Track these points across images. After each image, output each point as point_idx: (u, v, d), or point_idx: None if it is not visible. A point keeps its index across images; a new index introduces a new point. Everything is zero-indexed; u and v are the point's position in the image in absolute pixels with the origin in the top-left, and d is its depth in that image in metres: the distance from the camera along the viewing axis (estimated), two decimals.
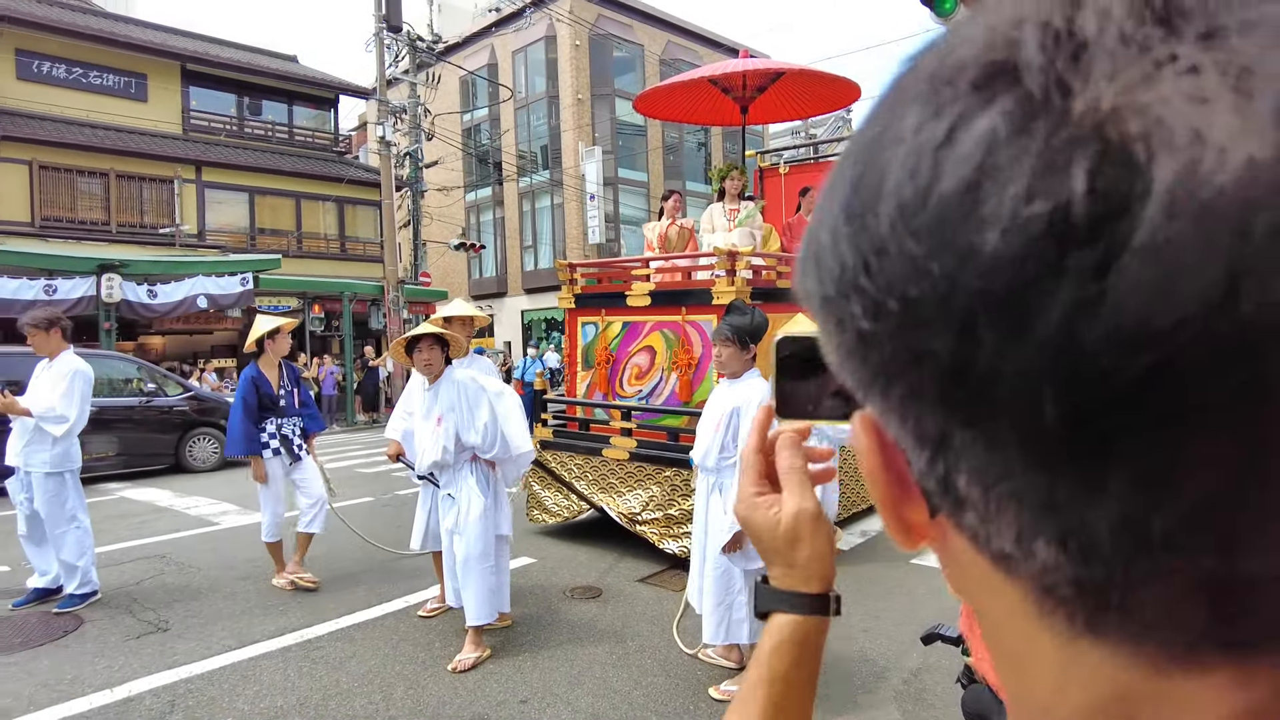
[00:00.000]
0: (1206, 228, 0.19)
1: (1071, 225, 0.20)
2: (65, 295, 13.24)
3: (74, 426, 5.02)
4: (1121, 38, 0.21)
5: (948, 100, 0.23)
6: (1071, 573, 0.24)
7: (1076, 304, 0.20)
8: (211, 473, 10.63)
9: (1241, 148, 0.19)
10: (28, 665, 4.16)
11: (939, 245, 0.22)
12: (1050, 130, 0.21)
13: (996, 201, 0.21)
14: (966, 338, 0.22)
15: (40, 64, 16.93)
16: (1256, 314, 0.19)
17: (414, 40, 19.17)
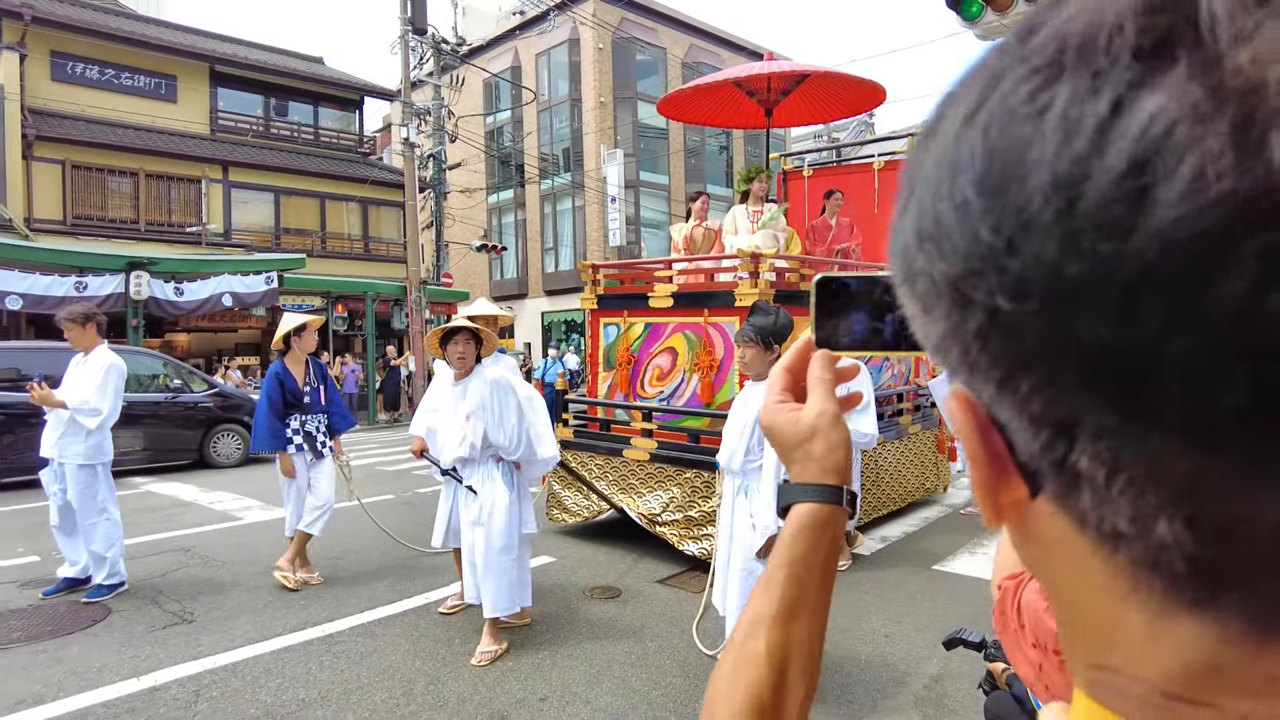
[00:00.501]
0: None
1: (1265, 205, 0.19)
2: (95, 292, 13.45)
3: (107, 419, 5.11)
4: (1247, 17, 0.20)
5: (1106, 69, 0.22)
6: (1191, 551, 0.24)
7: (1263, 285, 0.19)
8: (235, 468, 10.75)
9: None
10: (57, 653, 4.23)
11: (1103, 222, 0.21)
12: (1239, 100, 0.20)
13: (1175, 179, 0.20)
14: (1130, 319, 0.21)
15: (74, 66, 17.23)
16: None
17: (438, 43, 19.32)
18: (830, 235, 7.48)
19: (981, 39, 6.37)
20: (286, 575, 5.31)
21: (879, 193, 7.94)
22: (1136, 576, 0.26)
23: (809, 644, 0.62)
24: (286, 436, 5.42)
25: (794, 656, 0.61)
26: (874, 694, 3.75)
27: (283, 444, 5.40)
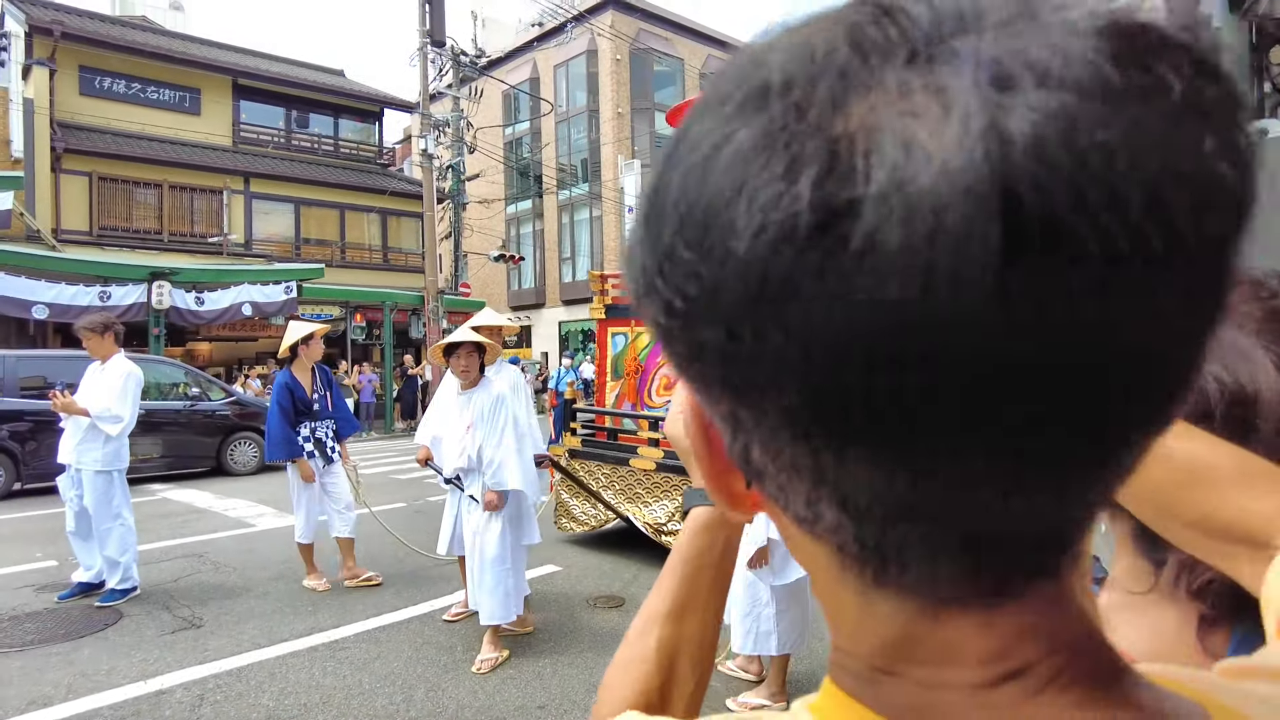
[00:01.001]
0: (908, 227, 0.21)
1: (801, 231, 0.22)
2: (118, 301, 13.71)
3: (127, 426, 5.22)
4: (851, 66, 0.23)
5: (720, 118, 0.25)
6: (854, 533, 0.27)
7: (811, 300, 0.22)
8: (251, 476, 10.89)
9: (938, 155, 0.21)
10: (69, 655, 4.31)
11: (706, 250, 0.24)
12: (788, 146, 0.23)
13: (746, 211, 0.23)
14: (732, 331, 0.24)
15: (101, 80, 17.61)
16: (948, 306, 0.21)
17: (457, 55, 19.54)
18: None
19: None
20: (362, 577, 5.58)
21: None
22: (837, 557, 0.29)
23: (700, 639, 0.65)
24: (300, 444, 5.50)
25: (684, 651, 0.64)
26: None
27: (298, 451, 5.49)
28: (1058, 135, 0.21)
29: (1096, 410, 0.23)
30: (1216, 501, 0.57)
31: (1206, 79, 0.23)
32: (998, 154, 0.21)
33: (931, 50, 0.23)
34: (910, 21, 0.23)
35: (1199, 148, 0.22)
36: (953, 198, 0.21)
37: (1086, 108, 0.21)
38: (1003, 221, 0.20)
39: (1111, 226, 0.21)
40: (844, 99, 0.23)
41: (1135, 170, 0.21)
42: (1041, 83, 0.21)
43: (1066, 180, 0.20)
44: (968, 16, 0.23)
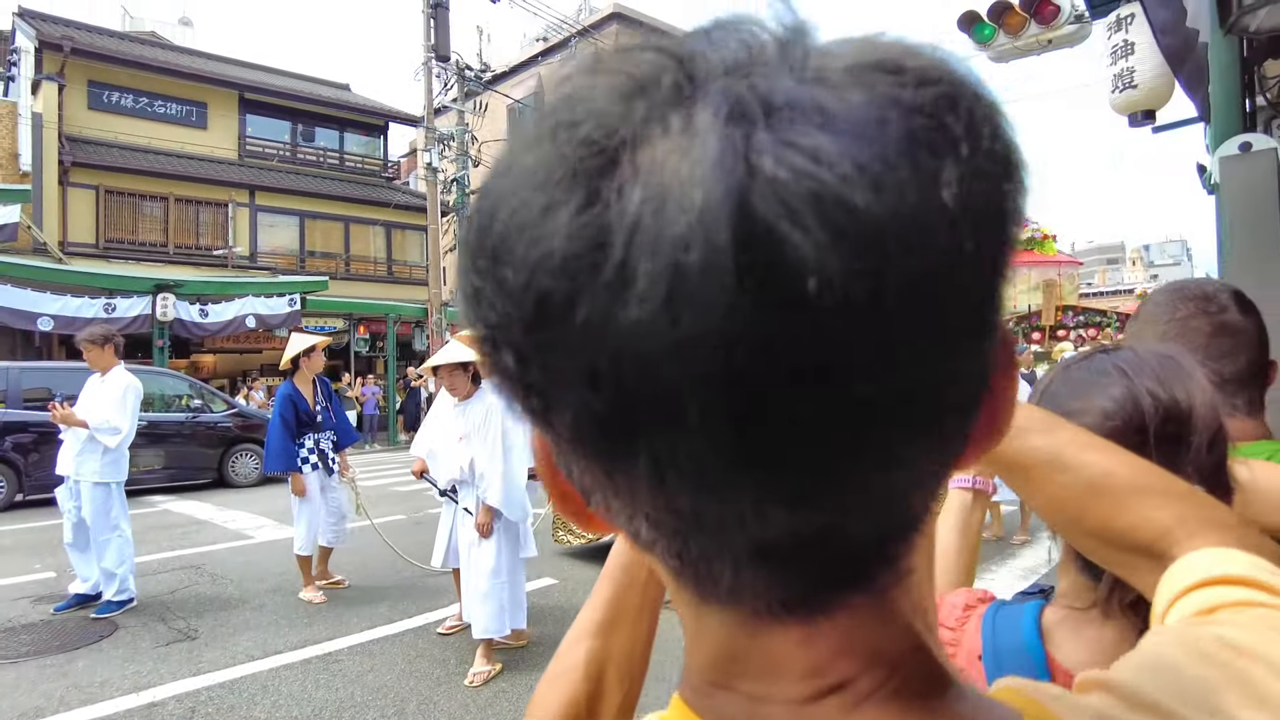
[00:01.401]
0: (651, 260, 0.22)
1: (558, 262, 0.23)
2: (123, 314, 13.79)
3: (126, 438, 5.24)
4: (623, 108, 0.24)
5: (512, 153, 0.27)
6: (665, 547, 0.28)
7: (570, 327, 0.23)
8: (252, 488, 10.91)
9: (680, 190, 0.22)
10: (63, 667, 4.31)
11: (496, 280, 0.25)
12: (557, 182, 0.24)
13: (519, 243, 0.24)
14: (519, 357, 0.25)
15: (110, 94, 17.78)
16: (688, 333, 0.22)
17: (462, 69, 19.67)
18: None
19: (995, 61, 6.40)
20: (331, 580, 5.66)
21: None
22: (667, 571, 0.29)
23: (629, 652, 0.66)
24: (301, 456, 5.55)
25: (612, 664, 0.65)
26: None
27: (294, 464, 5.51)
28: (792, 177, 0.21)
29: (843, 432, 0.23)
30: (1114, 512, 0.58)
31: (947, 117, 0.23)
32: (735, 191, 0.21)
33: (696, 92, 0.24)
34: (686, 67, 0.25)
35: (923, 187, 0.22)
36: (692, 233, 0.21)
37: (822, 149, 0.22)
38: (736, 256, 0.21)
39: (835, 266, 0.21)
40: (611, 138, 0.24)
41: (853, 212, 0.21)
42: (781, 122, 0.22)
43: (797, 220, 0.21)
44: (737, 62, 0.24)
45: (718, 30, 0.26)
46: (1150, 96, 4.05)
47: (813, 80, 0.23)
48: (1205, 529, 0.54)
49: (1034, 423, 0.62)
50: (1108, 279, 69.01)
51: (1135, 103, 4.08)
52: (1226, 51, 3.30)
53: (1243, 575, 0.46)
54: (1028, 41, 6.07)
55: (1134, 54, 4.01)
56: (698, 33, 0.26)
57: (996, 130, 0.25)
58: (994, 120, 0.25)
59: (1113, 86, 4.17)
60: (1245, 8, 2.79)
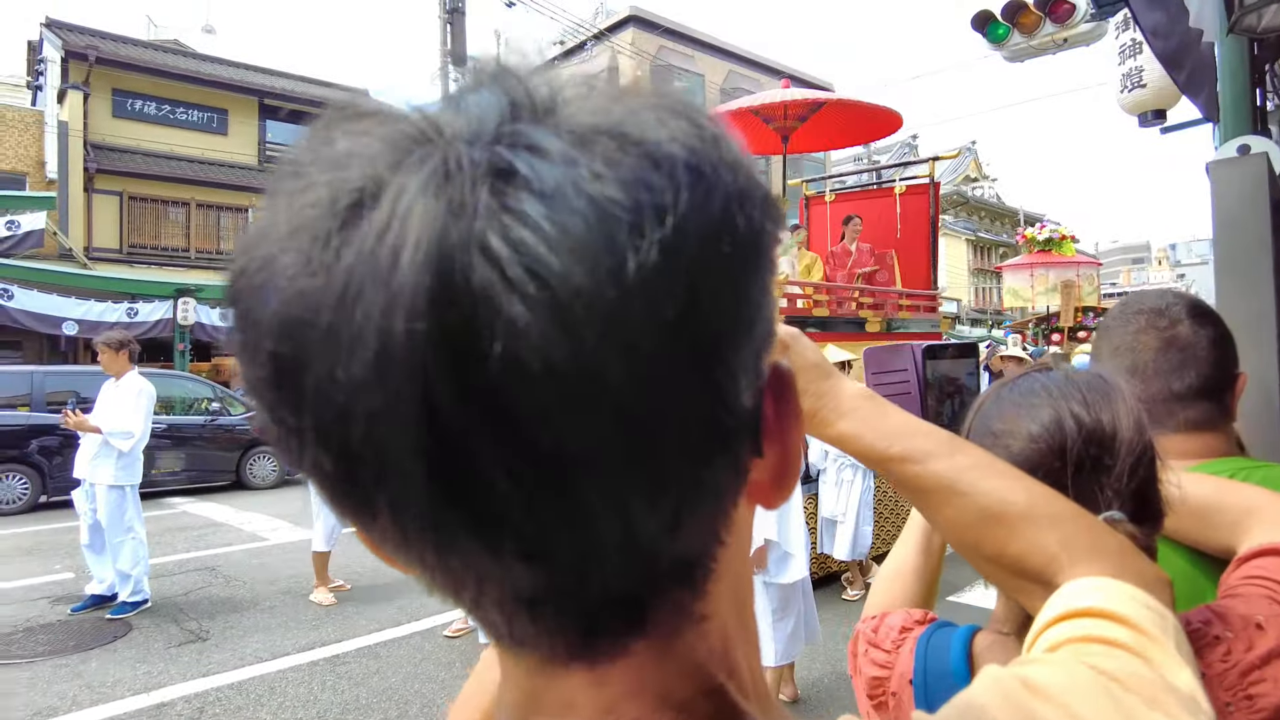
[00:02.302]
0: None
1: (281, 329, 0.25)
2: (145, 318, 14.00)
3: (139, 441, 5.33)
4: (339, 175, 0.25)
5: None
6: (451, 595, 0.29)
7: (297, 391, 0.25)
8: (270, 490, 11.02)
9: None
10: (77, 667, 4.39)
11: (239, 343, 0.27)
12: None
13: (254, 308, 0.26)
14: (269, 414, 0.27)
15: (133, 102, 18.07)
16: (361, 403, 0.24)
17: None
18: (850, 260, 7.45)
19: (1010, 60, 6.34)
20: (322, 597, 5.60)
21: (901, 217, 7.89)
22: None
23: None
24: None
25: None
26: None
27: None
28: (499, 241, 0.23)
29: (551, 490, 0.24)
30: (1007, 539, 0.58)
31: (654, 187, 0.24)
32: (435, 257, 0.23)
33: (426, 158, 0.25)
34: (425, 132, 0.26)
35: (614, 255, 0.23)
36: (397, 295, 0.22)
37: (528, 214, 0.23)
38: (437, 317, 0.22)
39: (533, 330, 0.22)
40: (337, 202, 0.25)
41: (549, 278, 0.23)
42: (495, 188, 0.23)
43: (496, 284, 0.22)
44: (474, 128, 0.25)
45: (467, 94, 0.27)
46: (1159, 96, 3.99)
47: (531, 147, 0.24)
48: (1088, 556, 0.54)
49: (938, 446, 0.62)
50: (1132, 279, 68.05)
51: (1144, 102, 4.02)
52: (1234, 52, 3.25)
53: (1099, 608, 0.46)
54: (1043, 40, 6.01)
55: (1142, 53, 3.95)
56: (451, 97, 0.27)
57: (716, 201, 0.25)
58: (718, 191, 0.25)
59: (1121, 86, 4.11)
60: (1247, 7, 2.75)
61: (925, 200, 7.80)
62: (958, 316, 37.57)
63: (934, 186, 7.75)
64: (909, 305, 7.23)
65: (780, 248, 1.74)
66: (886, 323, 6.86)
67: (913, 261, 7.64)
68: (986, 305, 45.16)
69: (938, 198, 7.82)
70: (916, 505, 0.65)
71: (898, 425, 0.64)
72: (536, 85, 0.27)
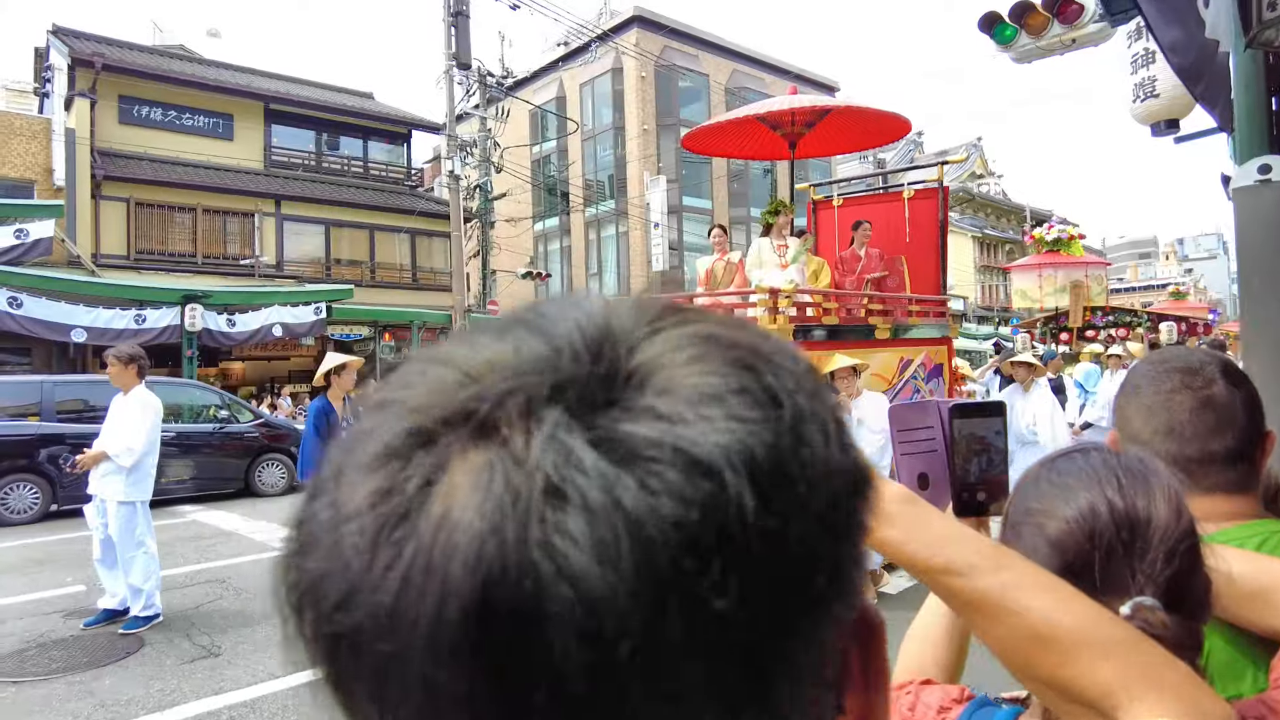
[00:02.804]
0: None
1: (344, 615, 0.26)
2: (153, 324, 14.06)
3: (142, 455, 5.34)
4: (398, 454, 0.26)
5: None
6: None
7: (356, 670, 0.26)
8: (279, 496, 11.05)
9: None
10: (90, 685, 4.40)
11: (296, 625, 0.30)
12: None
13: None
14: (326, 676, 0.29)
15: (140, 108, 18.14)
16: None
17: (483, 76, 19.81)
18: (860, 265, 7.42)
19: (1017, 62, 6.30)
20: None
21: (909, 221, 7.85)
22: None
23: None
24: None
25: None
26: None
27: None
28: (545, 561, 0.23)
29: None
30: (1059, 664, 0.56)
31: (721, 508, 0.24)
32: (489, 567, 0.23)
33: (483, 440, 0.25)
34: (480, 405, 0.26)
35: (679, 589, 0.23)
36: (446, 602, 0.23)
37: (577, 533, 0.23)
38: (482, 633, 0.23)
39: (572, 648, 0.23)
40: (401, 485, 0.26)
41: (594, 603, 0.23)
42: (558, 493, 0.24)
43: (544, 604, 0.23)
44: (532, 403, 0.25)
45: (522, 359, 0.27)
46: (1173, 106, 3.95)
47: (580, 466, 0.24)
48: (1150, 692, 0.52)
49: (982, 559, 0.60)
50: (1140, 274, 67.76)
51: (1157, 112, 3.99)
52: (1251, 64, 3.22)
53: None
54: (1050, 42, 5.97)
55: (1155, 63, 3.92)
56: (505, 353, 0.27)
57: (774, 515, 0.24)
58: (777, 502, 0.24)
59: (1134, 96, 4.07)
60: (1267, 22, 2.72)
61: (934, 204, 7.77)
62: (964, 314, 37.48)
63: (943, 190, 7.72)
64: (918, 310, 7.21)
65: (790, 254, 1.73)
66: (894, 329, 6.83)
67: (922, 266, 7.60)
68: (993, 302, 45.04)
69: (946, 201, 7.78)
70: (964, 620, 0.64)
71: (940, 533, 0.63)
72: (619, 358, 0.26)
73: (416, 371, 0.29)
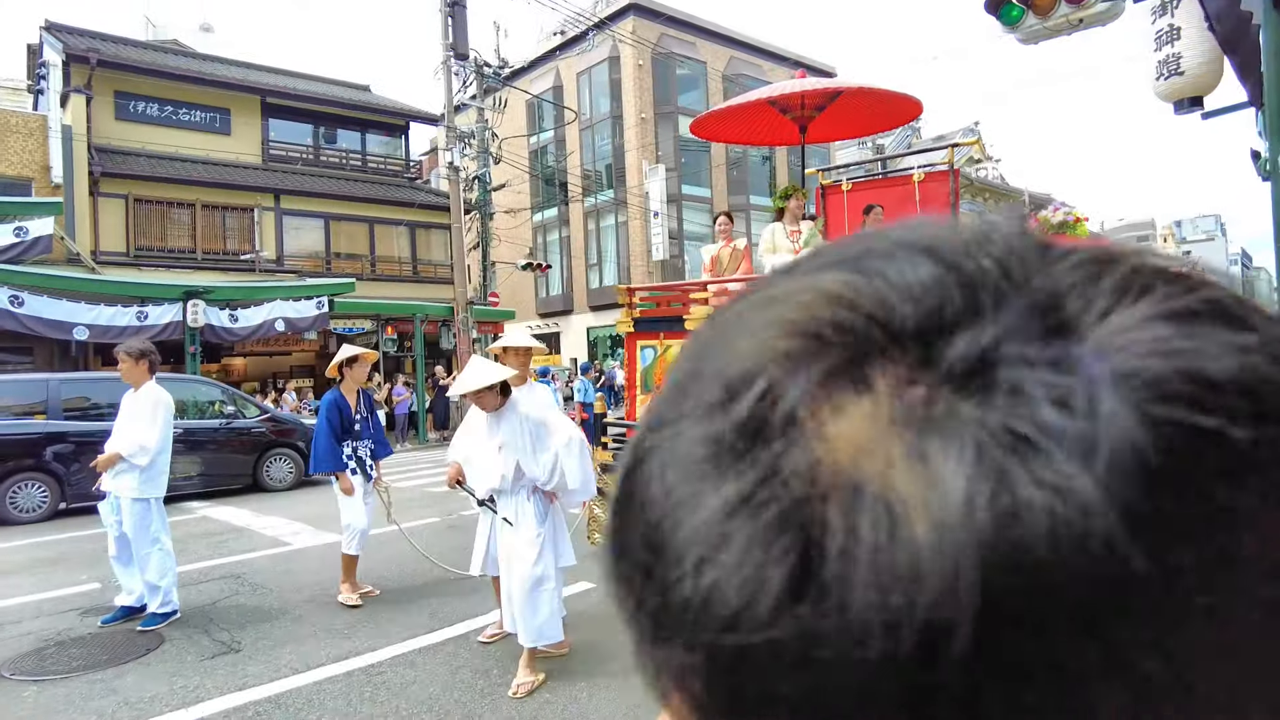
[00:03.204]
0: (875, 625, 0.19)
1: (766, 615, 0.20)
2: (155, 321, 13.98)
3: (156, 452, 5.30)
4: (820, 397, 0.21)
5: (711, 434, 0.23)
6: None
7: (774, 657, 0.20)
8: (288, 492, 11.02)
9: (914, 539, 0.19)
10: (112, 683, 4.37)
11: (679, 608, 0.22)
12: (758, 511, 0.21)
13: (722, 586, 0.21)
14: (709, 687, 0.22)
15: (136, 104, 18.01)
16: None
17: (480, 66, 19.67)
18: None
19: (1023, 43, 6.23)
20: (363, 591, 5.71)
21: (920, 204, 7.80)
22: None
23: None
24: (344, 456, 5.73)
25: None
26: None
27: (341, 464, 5.70)
28: (1066, 533, 0.19)
29: None
30: None
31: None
32: (987, 547, 0.19)
33: (932, 394, 0.21)
34: (908, 342, 0.22)
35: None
36: (927, 593, 0.19)
37: (1081, 492, 0.19)
38: (975, 629, 0.19)
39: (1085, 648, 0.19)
40: (832, 438, 0.21)
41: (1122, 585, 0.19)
42: (1055, 458, 0.19)
43: (1053, 592, 0.19)
44: (984, 348, 0.21)
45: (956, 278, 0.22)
46: (1197, 83, 3.90)
47: (1099, 392, 0.20)
48: None
49: None
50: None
51: (1181, 89, 3.93)
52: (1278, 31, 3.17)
53: None
54: (1057, 22, 5.91)
55: (1180, 39, 3.86)
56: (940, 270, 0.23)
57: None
58: None
59: (1157, 73, 4.02)
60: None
61: (945, 187, 7.70)
62: None
63: (953, 173, 7.65)
64: None
65: (804, 238, 1.67)
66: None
67: None
68: None
69: (957, 185, 7.72)
70: None
71: None
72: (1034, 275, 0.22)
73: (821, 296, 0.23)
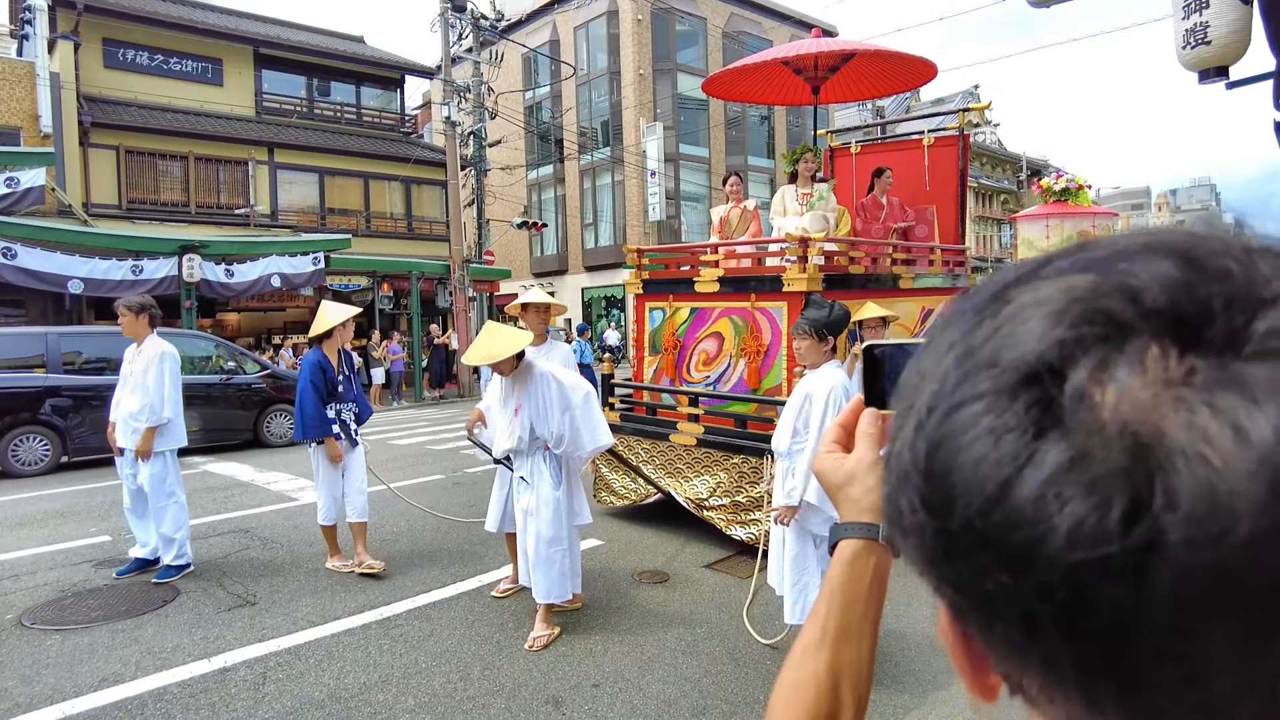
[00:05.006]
0: (1207, 570, 0.24)
1: (1109, 568, 0.25)
2: (150, 275, 13.85)
3: (170, 409, 5.31)
4: (1150, 360, 0.27)
5: (1018, 410, 0.28)
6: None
7: (1115, 603, 0.26)
8: (288, 448, 11.05)
9: (1233, 491, 0.24)
10: (133, 633, 4.43)
11: (1011, 553, 0.28)
12: (1086, 469, 0.26)
13: (1055, 535, 0.26)
14: (1029, 619, 0.28)
15: (125, 52, 17.60)
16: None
17: (477, 19, 19.29)
18: (883, 214, 7.35)
19: (1034, 6, 6.17)
20: (369, 564, 5.37)
21: (929, 169, 7.77)
22: None
23: (857, 665, 0.69)
24: (332, 421, 5.39)
25: (844, 677, 0.68)
26: (924, 683, 3.76)
27: (329, 429, 5.35)
28: None
29: None
30: None
31: None
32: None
33: (1225, 357, 0.26)
34: (1205, 314, 0.27)
35: None
36: (1249, 504, 0.24)
37: None
38: None
39: None
40: (1133, 404, 0.26)
41: None
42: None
43: None
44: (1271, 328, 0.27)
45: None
46: (1224, 52, 3.88)
47: None
48: None
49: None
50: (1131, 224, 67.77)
51: (1208, 59, 3.91)
52: None
53: None
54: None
55: (1209, 8, 3.83)
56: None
57: None
58: None
59: (1184, 42, 3.99)
60: None
61: (954, 153, 7.68)
62: None
63: (963, 139, 7.62)
64: (941, 261, 7.17)
65: (815, 199, 1.70)
66: (915, 278, 6.81)
67: (941, 215, 7.55)
68: (988, 253, 45.02)
69: (967, 150, 7.70)
70: None
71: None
72: None
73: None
